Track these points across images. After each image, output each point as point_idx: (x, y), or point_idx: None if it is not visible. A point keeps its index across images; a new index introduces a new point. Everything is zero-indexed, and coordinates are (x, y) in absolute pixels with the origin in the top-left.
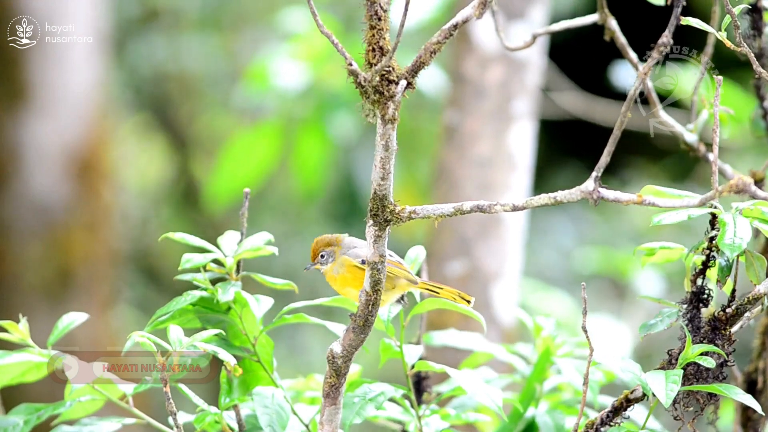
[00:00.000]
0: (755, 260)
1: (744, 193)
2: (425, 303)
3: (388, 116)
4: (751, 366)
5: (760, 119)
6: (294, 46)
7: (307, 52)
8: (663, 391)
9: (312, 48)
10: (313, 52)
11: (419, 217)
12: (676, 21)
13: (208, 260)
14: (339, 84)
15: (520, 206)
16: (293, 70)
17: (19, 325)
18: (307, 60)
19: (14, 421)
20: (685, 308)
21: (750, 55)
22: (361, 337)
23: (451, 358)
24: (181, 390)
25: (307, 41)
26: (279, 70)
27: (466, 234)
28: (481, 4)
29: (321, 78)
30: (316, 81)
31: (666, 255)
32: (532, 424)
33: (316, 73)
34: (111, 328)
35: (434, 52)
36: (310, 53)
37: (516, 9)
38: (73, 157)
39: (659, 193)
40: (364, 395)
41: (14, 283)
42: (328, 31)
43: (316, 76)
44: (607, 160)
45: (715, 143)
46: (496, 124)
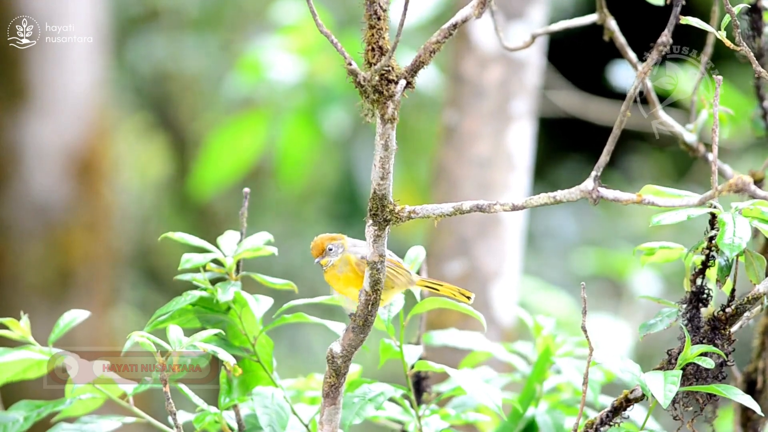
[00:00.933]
0: (755, 260)
1: (743, 192)
2: (425, 302)
3: (388, 116)
4: (751, 366)
5: (759, 119)
6: (286, 38)
7: (299, 44)
8: (661, 391)
9: (305, 40)
10: (305, 45)
11: (419, 216)
12: (675, 20)
13: (208, 260)
14: (332, 77)
15: (519, 206)
16: (286, 62)
17: (20, 323)
18: (300, 52)
19: (14, 417)
20: (684, 308)
21: (749, 54)
22: (360, 336)
23: (450, 357)
24: (181, 390)
25: (299, 33)
26: (272, 62)
27: (465, 234)
28: (480, 3)
29: (314, 71)
30: (309, 74)
31: (666, 255)
32: (532, 423)
33: (309, 66)
34: (111, 328)
35: (433, 52)
36: (303, 45)
37: (515, 9)
38: (73, 157)
39: (659, 193)
40: (364, 395)
41: (14, 283)
42: (327, 30)
43: (309, 69)
44: (607, 159)
45: (715, 143)
46: (496, 124)
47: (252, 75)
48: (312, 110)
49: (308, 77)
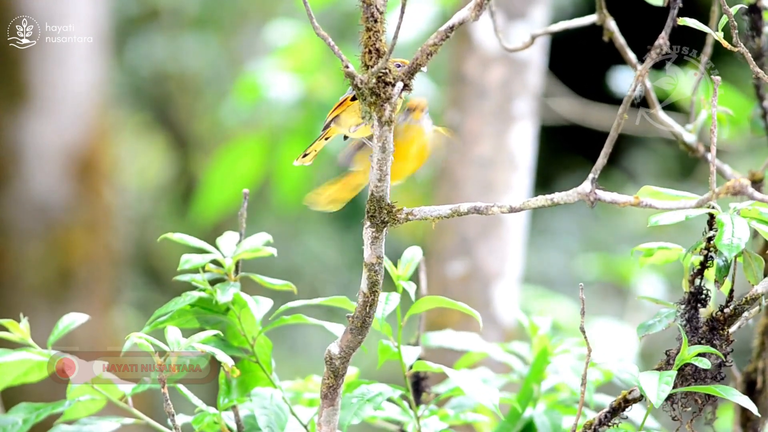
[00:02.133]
0: (753, 260)
1: (741, 195)
2: (423, 302)
3: (385, 118)
4: (751, 366)
5: (759, 119)
6: (283, 59)
7: (296, 63)
8: (655, 391)
9: (302, 59)
10: (303, 64)
11: (416, 218)
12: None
13: (207, 261)
14: (329, 94)
15: (517, 208)
16: (284, 82)
17: (20, 325)
18: (297, 71)
19: (13, 419)
20: (683, 308)
21: (747, 55)
22: (359, 338)
23: (449, 358)
24: (180, 391)
25: (296, 53)
26: (270, 83)
27: (467, 234)
28: (477, 5)
29: (312, 88)
30: (307, 92)
31: (665, 255)
32: (530, 424)
33: (306, 84)
34: (111, 328)
35: (431, 54)
36: (300, 65)
37: (516, 9)
38: (73, 157)
39: (656, 194)
40: (362, 396)
41: (14, 283)
42: (325, 33)
43: (307, 87)
44: (604, 161)
45: (713, 144)
46: (497, 125)
47: (250, 96)
48: (310, 129)
49: (307, 95)
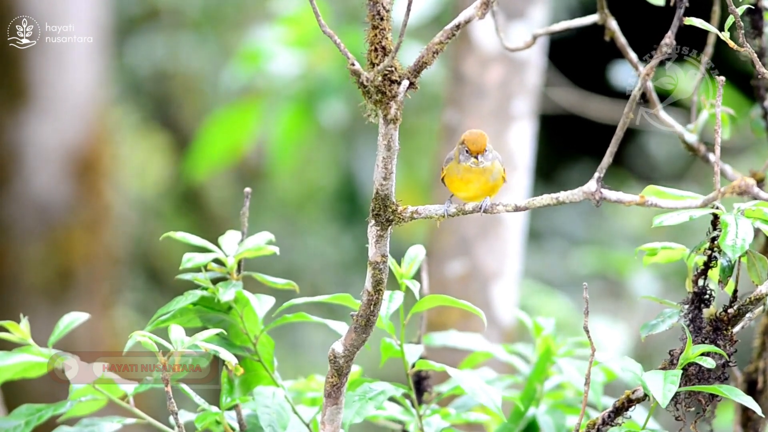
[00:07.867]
0: (757, 261)
1: (746, 194)
2: (426, 301)
3: (391, 116)
4: (752, 366)
5: (759, 119)
6: (285, 30)
7: (298, 35)
8: (660, 390)
9: (304, 31)
10: (304, 36)
11: (421, 217)
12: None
13: (209, 260)
14: (330, 68)
15: (522, 206)
16: (285, 54)
17: (20, 325)
18: (299, 44)
19: (15, 423)
20: (686, 308)
21: (752, 55)
22: (362, 336)
23: (451, 357)
24: (183, 389)
25: (299, 24)
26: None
27: (466, 234)
28: (483, 4)
29: (312, 62)
30: (307, 65)
31: (667, 255)
32: (533, 423)
33: (307, 58)
34: (111, 328)
35: (437, 52)
36: (302, 37)
37: (516, 9)
38: (73, 157)
39: (661, 194)
40: (365, 394)
41: (14, 283)
42: (330, 31)
43: (308, 61)
44: (610, 160)
45: (717, 144)
46: (496, 124)
47: (251, 65)
48: (308, 100)
49: (307, 69)
